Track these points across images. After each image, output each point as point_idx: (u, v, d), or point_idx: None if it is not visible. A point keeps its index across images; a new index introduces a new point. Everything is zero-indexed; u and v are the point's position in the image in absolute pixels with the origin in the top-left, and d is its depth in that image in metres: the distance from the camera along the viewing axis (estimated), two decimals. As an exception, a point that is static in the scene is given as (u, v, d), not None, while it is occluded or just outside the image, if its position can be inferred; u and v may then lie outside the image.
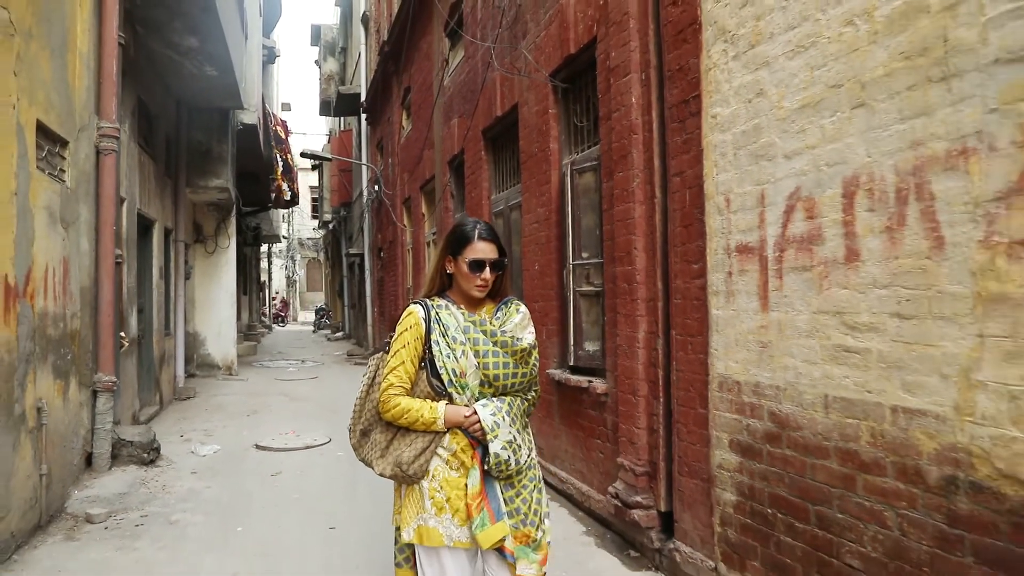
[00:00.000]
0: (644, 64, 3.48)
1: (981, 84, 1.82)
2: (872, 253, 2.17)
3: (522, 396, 2.08)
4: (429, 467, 1.96)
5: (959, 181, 1.89)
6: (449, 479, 1.96)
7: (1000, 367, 1.79)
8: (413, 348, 2.00)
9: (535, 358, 2.10)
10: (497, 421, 1.94)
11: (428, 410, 1.94)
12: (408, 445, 1.97)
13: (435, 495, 1.96)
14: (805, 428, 2.45)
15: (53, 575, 3.42)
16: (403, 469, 1.95)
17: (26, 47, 3.83)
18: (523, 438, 2.02)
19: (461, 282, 2.07)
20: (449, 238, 2.10)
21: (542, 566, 1.98)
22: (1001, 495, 1.79)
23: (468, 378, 1.99)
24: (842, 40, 2.27)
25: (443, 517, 1.95)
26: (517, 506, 1.98)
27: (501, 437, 1.93)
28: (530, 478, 2.04)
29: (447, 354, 1.98)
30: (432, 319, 2.02)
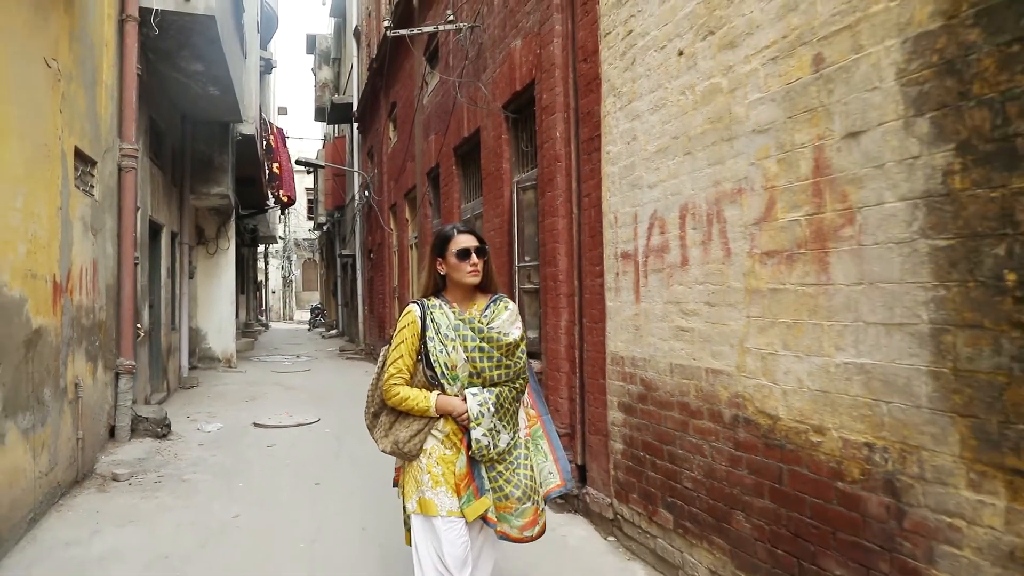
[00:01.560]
0: (566, 106, 4.34)
1: (747, 145, 2.69)
2: (695, 259, 3.03)
3: (511, 385, 2.29)
4: (424, 447, 2.27)
5: (738, 210, 2.75)
6: (444, 456, 2.26)
7: (757, 338, 2.65)
8: (410, 343, 2.28)
9: (522, 350, 2.33)
10: (482, 411, 2.21)
11: (423, 399, 2.23)
12: (406, 427, 2.27)
13: (432, 470, 2.25)
14: (660, 389, 3.32)
15: (93, 515, 4.28)
16: (399, 447, 2.26)
17: (68, 88, 4.67)
18: (506, 424, 2.27)
19: (454, 275, 2.31)
20: (434, 243, 2.38)
21: (525, 529, 2.27)
22: (758, 425, 2.65)
23: (458, 370, 2.25)
24: (679, 104, 3.13)
25: (438, 490, 2.24)
26: (501, 484, 2.25)
27: (483, 425, 2.20)
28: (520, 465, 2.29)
29: (439, 349, 2.25)
30: (427, 317, 2.28)
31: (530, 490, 2.27)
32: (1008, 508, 1.75)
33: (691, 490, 3.09)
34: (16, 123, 3.74)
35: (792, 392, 2.47)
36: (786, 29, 2.48)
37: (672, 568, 3.24)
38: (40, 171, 4.11)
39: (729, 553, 2.83)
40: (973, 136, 1.82)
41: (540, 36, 4.70)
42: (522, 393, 2.37)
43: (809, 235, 2.38)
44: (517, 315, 2.38)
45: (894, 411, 2.07)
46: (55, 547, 3.75)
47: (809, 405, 2.39)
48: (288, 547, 3.78)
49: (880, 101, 2.10)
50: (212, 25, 6.74)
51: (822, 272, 2.33)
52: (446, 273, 2.33)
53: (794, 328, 2.46)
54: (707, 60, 2.92)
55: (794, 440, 2.47)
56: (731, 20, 2.76)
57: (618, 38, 3.68)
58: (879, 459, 2.12)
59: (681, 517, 3.17)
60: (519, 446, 2.31)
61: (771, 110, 2.55)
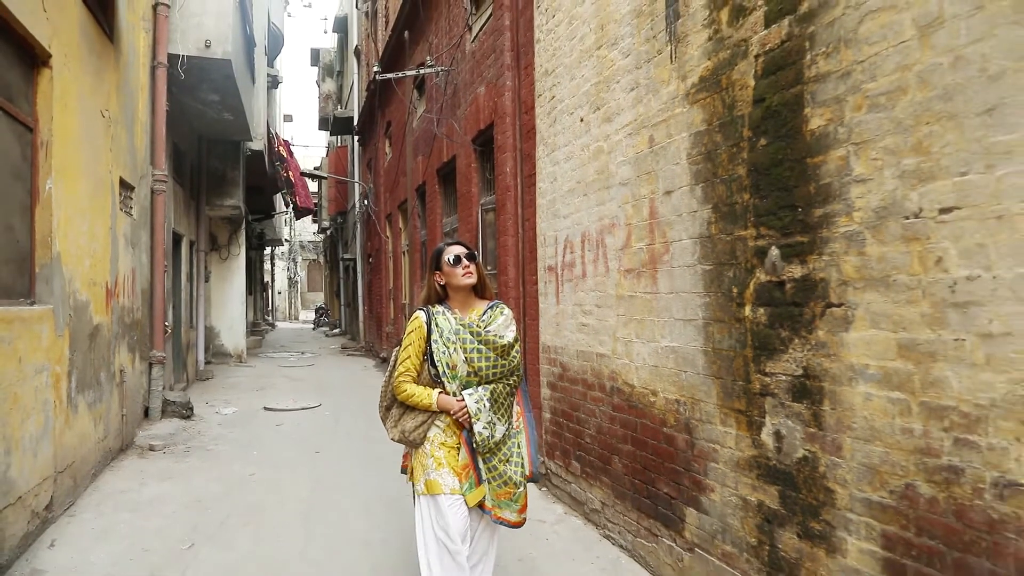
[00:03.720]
0: (514, 147, 5.43)
1: (616, 193, 3.77)
2: (589, 273, 4.11)
3: (505, 382, 2.59)
4: (428, 435, 2.58)
5: (612, 239, 3.83)
6: (445, 443, 2.57)
7: (622, 330, 3.73)
8: (417, 346, 2.58)
9: (516, 350, 2.61)
10: (480, 408, 2.50)
11: (426, 396, 2.55)
12: (412, 419, 2.60)
13: (435, 454, 2.56)
14: (571, 369, 4.40)
15: (138, 473, 5.39)
16: (406, 435, 2.59)
17: (115, 130, 5.78)
18: (501, 416, 2.56)
19: (451, 280, 2.61)
20: (431, 260, 2.71)
21: (521, 513, 2.59)
22: (624, 392, 3.73)
23: (458, 369, 2.54)
24: (580, 158, 4.21)
25: (441, 471, 2.54)
26: (500, 471, 2.55)
27: (482, 420, 2.50)
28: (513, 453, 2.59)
29: (442, 351, 2.55)
30: (432, 323, 2.58)
31: (523, 477, 2.60)
32: (737, 435, 2.82)
33: (589, 444, 4.18)
34: (84, 166, 4.84)
35: (640, 367, 3.55)
36: (636, 115, 3.55)
37: (579, 504, 4.33)
38: (98, 201, 5.22)
39: (610, 487, 3.91)
40: (719, 201, 2.90)
41: (497, 87, 5.78)
42: (516, 388, 2.65)
43: (647, 259, 3.46)
44: (512, 320, 2.67)
45: (688, 377, 3.15)
46: (113, 493, 4.86)
47: (649, 376, 3.48)
48: (293, 494, 4.88)
49: (680, 172, 3.18)
50: (228, 65, 7.85)
51: (653, 284, 3.41)
52: (445, 283, 2.64)
53: (641, 323, 3.54)
54: (596, 127, 4.00)
55: (642, 401, 3.55)
56: (608, 102, 3.84)
57: (546, 100, 4.76)
58: (682, 410, 3.20)
59: (584, 465, 4.25)
60: (512, 436, 2.62)
61: (628, 170, 3.63)
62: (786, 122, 2.51)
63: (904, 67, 2.04)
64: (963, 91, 1.87)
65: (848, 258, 2.25)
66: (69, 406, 4.45)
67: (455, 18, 7.33)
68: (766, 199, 2.62)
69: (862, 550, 2.21)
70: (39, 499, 3.87)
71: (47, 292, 4.11)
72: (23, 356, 3.62)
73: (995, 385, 1.80)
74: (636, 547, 3.63)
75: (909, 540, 2.04)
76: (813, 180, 2.39)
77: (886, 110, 2.10)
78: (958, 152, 1.89)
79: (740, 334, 2.78)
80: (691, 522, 3.14)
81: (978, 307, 1.84)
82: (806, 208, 2.42)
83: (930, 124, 1.97)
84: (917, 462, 2.02)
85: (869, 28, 2.16)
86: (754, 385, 2.70)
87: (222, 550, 3.83)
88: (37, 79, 4.13)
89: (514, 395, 2.64)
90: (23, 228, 3.97)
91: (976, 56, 1.84)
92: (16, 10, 3.62)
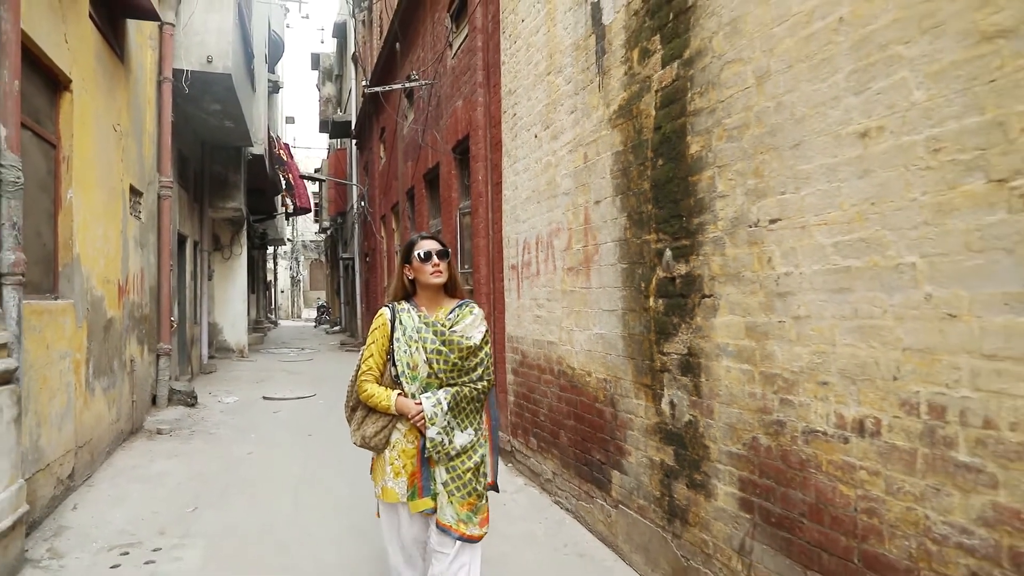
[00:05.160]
0: (485, 157, 5.99)
1: (561, 201, 4.33)
2: (542, 271, 4.67)
3: (471, 386, 2.44)
4: (389, 440, 2.45)
5: (558, 241, 4.39)
6: (406, 450, 2.44)
7: (565, 320, 4.29)
8: (380, 344, 2.46)
9: (486, 352, 2.47)
10: (436, 411, 2.37)
11: (385, 397, 2.42)
12: (373, 423, 2.47)
13: (394, 462, 2.45)
14: (529, 356, 4.97)
15: (147, 452, 5.99)
16: (367, 441, 2.47)
17: (126, 142, 6.37)
18: (462, 423, 2.41)
19: (420, 277, 2.48)
20: (402, 252, 2.59)
21: (481, 527, 2.43)
22: (567, 374, 4.30)
23: (418, 370, 2.42)
24: (534, 170, 4.77)
25: (399, 480, 2.43)
26: (465, 480, 2.41)
27: (437, 424, 2.37)
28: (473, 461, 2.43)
29: (404, 349, 2.43)
30: (396, 319, 2.47)
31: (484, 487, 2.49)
32: (647, 406, 3.38)
33: (543, 422, 4.74)
34: (99, 177, 5.43)
35: (579, 352, 4.12)
36: (575, 134, 4.12)
37: (536, 476, 4.89)
38: (111, 207, 5.81)
39: (558, 458, 4.48)
40: (632, 210, 3.46)
41: (471, 102, 6.34)
42: (485, 395, 2.50)
43: (583, 259, 4.02)
44: (482, 320, 2.53)
45: (612, 359, 3.71)
46: (125, 468, 5.46)
47: (585, 359, 4.04)
48: (286, 469, 5.47)
49: (605, 185, 3.74)
50: (228, 79, 8.44)
51: (587, 280, 3.97)
52: (414, 277, 2.52)
53: (579, 314, 4.10)
54: (546, 143, 4.56)
55: (581, 381, 4.11)
56: (555, 122, 4.41)
57: (509, 116, 5.33)
58: (608, 387, 3.76)
59: (539, 441, 4.82)
60: (482, 444, 2.50)
61: (569, 181, 4.19)
62: (675, 147, 3.07)
63: (747, 108, 2.60)
64: (782, 129, 2.43)
65: (715, 258, 2.81)
66: (87, 389, 5.04)
67: (438, 35, 7.90)
68: (663, 209, 3.18)
69: (727, 493, 2.77)
70: (63, 468, 4.46)
71: (68, 288, 4.70)
72: (50, 343, 4.21)
73: (802, 356, 2.36)
74: (578, 509, 4.20)
75: (755, 481, 2.60)
76: (692, 195, 2.95)
77: (737, 141, 2.66)
78: (779, 176, 2.45)
79: (647, 321, 3.34)
80: (616, 483, 3.70)
81: (792, 296, 2.40)
82: (688, 217, 2.98)
83: (763, 153, 2.52)
84: (758, 419, 2.58)
85: (727, 75, 2.72)
86: (656, 363, 3.26)
87: (221, 513, 4.42)
88: (59, 102, 4.72)
89: (481, 401, 2.51)
90: (48, 233, 4.56)
91: (789, 103, 2.39)
92: (44, 44, 4.21)
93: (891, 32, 2.00)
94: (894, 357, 2.00)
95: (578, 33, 4.08)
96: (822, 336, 2.26)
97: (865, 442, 2.11)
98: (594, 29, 3.87)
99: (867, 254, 2.09)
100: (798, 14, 2.35)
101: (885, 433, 2.04)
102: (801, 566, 2.37)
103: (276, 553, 3.75)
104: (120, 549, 3.78)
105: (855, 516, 2.14)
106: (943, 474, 1.86)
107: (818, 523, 2.29)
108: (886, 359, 2.03)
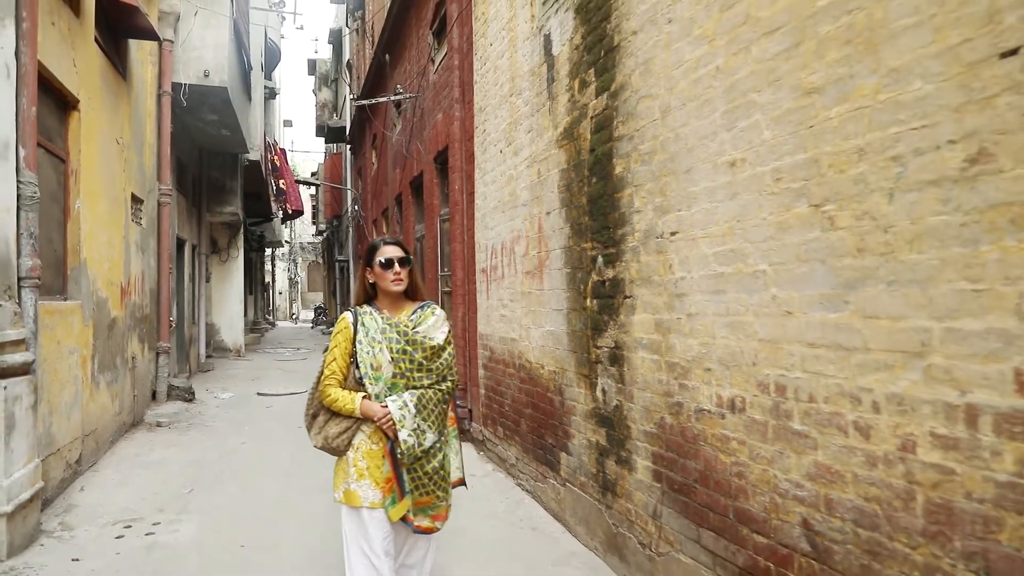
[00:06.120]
0: (461, 168, 6.46)
1: (520, 212, 4.79)
2: (506, 275, 5.14)
3: (435, 388, 2.47)
4: (352, 442, 2.44)
5: (519, 247, 4.85)
6: (370, 451, 2.43)
7: (524, 319, 4.76)
8: (343, 348, 2.46)
9: (448, 353, 2.50)
10: (404, 414, 2.38)
11: (350, 401, 2.41)
12: (336, 425, 2.46)
13: (357, 464, 2.42)
14: (496, 352, 5.43)
15: (148, 442, 6.46)
16: (328, 442, 2.45)
17: (128, 153, 6.84)
18: (431, 424, 2.44)
19: (381, 283, 2.50)
20: (365, 254, 2.58)
21: (435, 520, 2.50)
22: (526, 367, 4.76)
23: (383, 371, 2.42)
24: (499, 182, 5.24)
25: (362, 482, 2.41)
26: (422, 482, 2.45)
27: (407, 427, 2.38)
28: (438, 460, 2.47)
29: (367, 351, 2.43)
30: (359, 323, 2.47)
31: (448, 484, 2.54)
32: (585, 394, 3.85)
33: (508, 412, 5.21)
34: (103, 187, 5.90)
35: (535, 347, 4.58)
36: (531, 152, 4.59)
37: (503, 461, 5.36)
38: (114, 215, 6.28)
39: (520, 444, 4.94)
40: (574, 221, 3.93)
41: (449, 116, 6.81)
42: (449, 395, 2.53)
43: (537, 264, 4.49)
44: (444, 320, 2.57)
45: (560, 353, 4.17)
46: (127, 456, 5.92)
47: (538, 353, 4.51)
48: (276, 457, 5.93)
49: (554, 198, 4.20)
50: (224, 91, 8.91)
51: (541, 283, 4.44)
52: (375, 281, 2.53)
53: (535, 313, 4.57)
54: (509, 159, 5.03)
55: (537, 373, 4.58)
56: (516, 139, 4.88)
57: (480, 132, 5.80)
58: (558, 377, 4.23)
59: (505, 429, 5.29)
60: (442, 448, 2.51)
61: (527, 194, 4.66)
62: (604, 167, 3.54)
63: (655, 137, 3.07)
64: (678, 156, 2.90)
65: (633, 264, 3.27)
66: (93, 383, 5.51)
67: (422, 50, 8.37)
68: (596, 221, 3.65)
69: (644, 467, 3.24)
70: (72, 453, 4.92)
71: (76, 290, 5.17)
72: (60, 340, 4.68)
73: (693, 347, 2.82)
74: (535, 489, 4.66)
75: (663, 455, 3.07)
76: (617, 209, 3.41)
77: (648, 164, 3.13)
78: (677, 196, 2.91)
79: (585, 319, 3.81)
80: (564, 463, 4.17)
81: (686, 297, 2.86)
82: (614, 229, 3.45)
83: (666, 176, 2.99)
84: (664, 401, 3.04)
85: (641, 107, 3.19)
86: (592, 356, 3.72)
87: (215, 494, 4.88)
88: (68, 120, 5.19)
89: (447, 402, 2.53)
90: (58, 239, 5.03)
91: (684, 134, 2.86)
92: (55, 70, 4.68)
93: (749, 82, 2.47)
94: (753, 347, 2.47)
95: (534, 61, 4.55)
96: (706, 330, 2.73)
97: (736, 417, 2.57)
98: (546, 58, 4.34)
99: (735, 262, 2.55)
100: (689, 60, 2.81)
101: (748, 409, 2.50)
102: (695, 525, 2.83)
103: (264, 527, 4.22)
104: (124, 523, 4.25)
105: (730, 479, 2.61)
106: (784, 440, 2.33)
107: (706, 487, 2.75)
108: (748, 348, 2.49)
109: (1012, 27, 1.59)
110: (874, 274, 1.96)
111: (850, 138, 2.03)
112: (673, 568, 2.98)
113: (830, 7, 2.10)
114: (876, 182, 1.95)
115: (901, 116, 1.87)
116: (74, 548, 3.82)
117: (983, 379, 1.67)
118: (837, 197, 2.08)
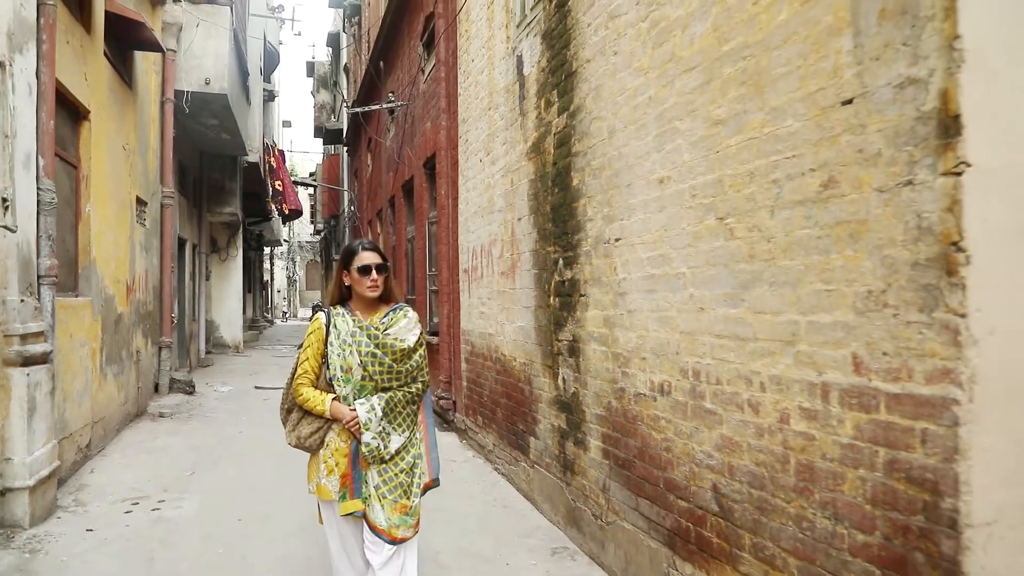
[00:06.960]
0: (447, 174, 6.87)
1: (497, 217, 5.20)
2: (485, 275, 5.55)
3: (404, 390, 2.50)
4: (324, 440, 2.51)
5: (495, 250, 5.26)
6: (339, 449, 2.50)
7: (500, 316, 5.17)
8: (316, 348, 2.51)
9: (420, 355, 2.52)
10: (370, 417, 2.42)
11: (320, 402, 2.47)
12: (308, 425, 2.53)
13: (327, 460, 2.50)
14: (477, 346, 5.85)
15: (151, 430, 6.87)
16: (301, 441, 2.52)
17: (133, 157, 7.24)
18: (397, 427, 2.48)
19: (356, 287, 2.53)
20: (342, 255, 2.58)
21: (415, 529, 2.50)
22: (501, 360, 5.17)
23: (352, 373, 2.46)
24: (479, 189, 5.65)
25: (332, 478, 2.50)
26: (393, 487, 2.46)
27: (372, 429, 2.43)
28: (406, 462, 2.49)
29: (338, 353, 2.47)
30: (331, 324, 2.50)
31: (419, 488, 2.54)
32: (550, 383, 4.26)
33: (486, 402, 5.62)
34: (111, 191, 6.31)
35: (509, 342, 5.00)
36: (506, 162, 5.00)
37: (482, 448, 5.77)
38: (121, 216, 6.69)
39: (496, 432, 5.35)
40: (540, 227, 4.34)
41: (437, 124, 7.22)
42: (419, 397, 2.57)
43: (510, 265, 4.90)
44: (416, 323, 2.58)
45: (528, 346, 4.59)
46: (133, 443, 6.34)
47: (511, 347, 4.92)
48: (271, 444, 6.33)
49: (524, 205, 4.61)
50: (224, 98, 9.32)
51: (514, 283, 4.85)
52: (350, 284, 2.56)
53: (509, 310, 4.98)
54: (487, 167, 5.44)
55: (510, 365, 4.99)
56: (493, 150, 5.28)
57: (463, 141, 6.21)
58: (528, 368, 4.64)
59: (483, 418, 5.70)
60: (415, 446, 2.55)
61: (502, 201, 5.07)
62: (564, 179, 3.95)
63: (604, 154, 3.48)
64: (621, 172, 3.31)
65: (586, 266, 3.68)
66: (101, 374, 5.92)
67: (413, 60, 8.78)
68: (558, 227, 4.06)
69: (596, 446, 3.65)
70: (82, 438, 5.33)
71: (87, 287, 5.58)
72: (73, 333, 5.09)
73: (632, 339, 3.23)
74: (509, 472, 5.08)
75: (609, 434, 3.48)
76: (574, 217, 3.83)
77: (599, 178, 3.54)
78: (620, 207, 3.32)
79: (549, 315, 4.22)
80: (532, 447, 4.58)
81: (627, 295, 3.28)
82: (572, 234, 3.86)
83: (612, 190, 3.40)
84: (611, 387, 3.45)
85: (593, 127, 3.60)
86: (555, 348, 4.14)
87: (215, 476, 5.30)
88: (80, 130, 5.59)
89: (416, 404, 2.57)
90: (71, 240, 5.44)
91: (626, 153, 3.27)
92: (69, 84, 5.08)
93: (674, 111, 2.88)
94: (676, 338, 2.88)
95: (508, 78, 4.96)
96: (642, 324, 3.14)
97: (664, 399, 2.98)
98: (518, 78, 4.75)
99: (663, 265, 2.96)
100: (630, 89, 3.23)
101: (673, 392, 2.91)
102: (635, 495, 3.24)
103: (259, 503, 4.63)
104: (131, 501, 4.66)
105: (661, 454, 3.02)
106: (699, 418, 2.74)
107: (643, 461, 3.17)
108: (673, 339, 2.90)
109: (849, 81, 2.00)
110: (761, 276, 2.37)
111: (744, 163, 2.44)
112: (619, 535, 3.39)
113: (731, 52, 2.52)
114: (762, 200, 2.36)
115: (779, 147, 2.28)
116: (88, 520, 4.23)
117: (833, 361, 2.08)
118: (735, 212, 2.49)
